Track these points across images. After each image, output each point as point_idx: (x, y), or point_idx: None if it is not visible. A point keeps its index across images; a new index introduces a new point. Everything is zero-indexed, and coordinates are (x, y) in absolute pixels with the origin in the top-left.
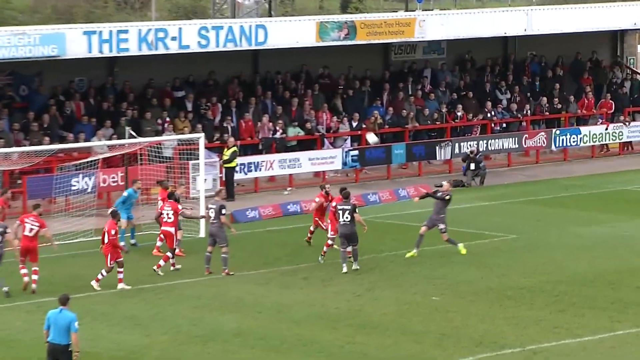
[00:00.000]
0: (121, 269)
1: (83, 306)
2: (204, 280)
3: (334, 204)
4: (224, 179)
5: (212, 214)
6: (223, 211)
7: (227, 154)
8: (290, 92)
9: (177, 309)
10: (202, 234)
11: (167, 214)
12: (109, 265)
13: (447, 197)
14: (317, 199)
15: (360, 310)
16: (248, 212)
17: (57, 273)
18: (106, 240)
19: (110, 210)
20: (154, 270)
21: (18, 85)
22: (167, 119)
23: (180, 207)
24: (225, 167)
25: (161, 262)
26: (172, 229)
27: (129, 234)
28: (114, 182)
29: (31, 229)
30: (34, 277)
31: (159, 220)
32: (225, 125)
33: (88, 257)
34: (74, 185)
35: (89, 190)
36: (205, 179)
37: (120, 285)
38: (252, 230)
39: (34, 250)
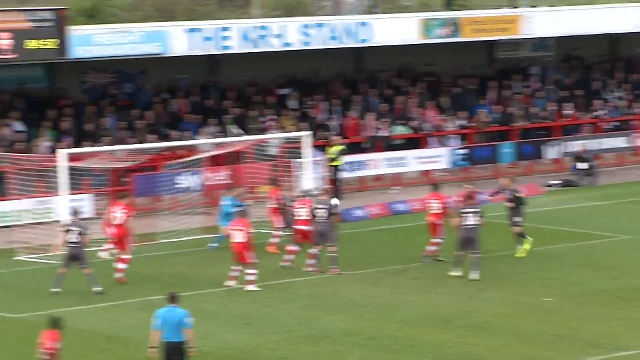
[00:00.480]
0: (252, 271)
1: (191, 305)
2: (313, 280)
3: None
4: (329, 177)
5: (323, 213)
6: (334, 210)
7: (332, 152)
8: (394, 90)
9: (288, 308)
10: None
11: (304, 212)
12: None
13: (517, 195)
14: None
15: (471, 311)
16: (355, 211)
17: (163, 271)
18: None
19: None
20: (306, 270)
21: (122, 83)
22: (272, 117)
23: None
24: (331, 166)
25: (310, 261)
26: (306, 227)
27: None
28: (219, 180)
29: (117, 217)
30: (120, 265)
31: (288, 218)
32: (329, 123)
33: (194, 256)
34: (180, 184)
35: (195, 188)
36: (311, 178)
37: (250, 287)
38: (359, 230)
39: (122, 238)
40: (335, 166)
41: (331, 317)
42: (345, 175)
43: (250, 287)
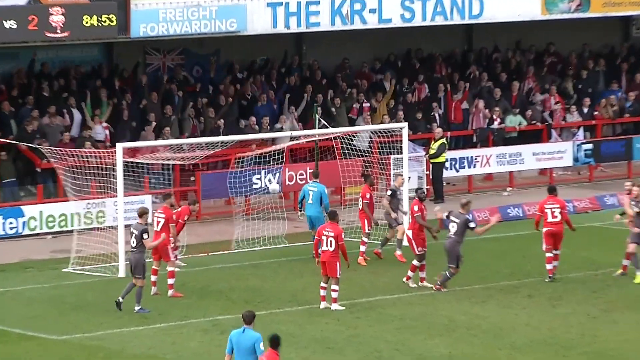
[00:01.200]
0: (336, 287)
1: (266, 325)
2: (407, 297)
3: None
4: (430, 176)
5: (454, 228)
6: (471, 225)
7: (434, 147)
8: (509, 74)
9: (377, 331)
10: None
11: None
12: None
13: None
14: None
15: (595, 335)
16: None
17: (235, 286)
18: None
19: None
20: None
21: (191, 65)
22: (364, 105)
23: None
24: (432, 163)
25: (409, 273)
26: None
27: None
28: (301, 179)
29: (157, 222)
30: (169, 280)
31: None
32: (432, 113)
33: (271, 268)
34: (256, 183)
35: (273, 188)
36: (410, 177)
37: (334, 306)
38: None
39: (160, 248)
40: (438, 163)
41: (429, 342)
42: (448, 174)
43: (335, 306)
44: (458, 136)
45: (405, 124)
